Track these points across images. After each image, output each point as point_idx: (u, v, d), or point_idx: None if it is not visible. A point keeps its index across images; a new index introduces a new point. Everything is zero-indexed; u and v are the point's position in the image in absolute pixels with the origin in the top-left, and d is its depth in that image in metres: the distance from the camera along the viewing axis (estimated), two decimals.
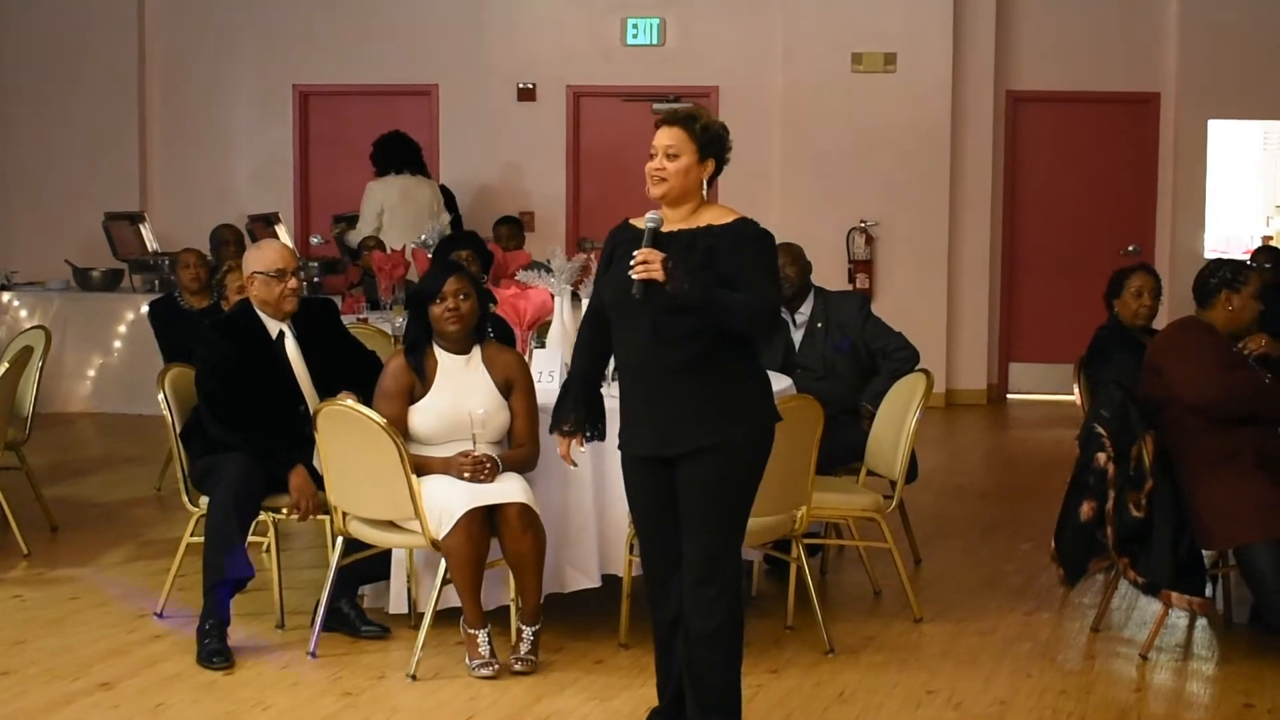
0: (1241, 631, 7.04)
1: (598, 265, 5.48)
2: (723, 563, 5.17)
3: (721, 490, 5.15)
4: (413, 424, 6.43)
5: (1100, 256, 13.51)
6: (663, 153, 5.19)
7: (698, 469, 5.12)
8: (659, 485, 5.24)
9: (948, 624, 7.10)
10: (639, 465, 5.29)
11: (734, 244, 5.14)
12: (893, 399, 7.42)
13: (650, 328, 5.09)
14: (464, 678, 6.20)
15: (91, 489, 9.95)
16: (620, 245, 5.27)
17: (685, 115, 5.23)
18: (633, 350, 5.21)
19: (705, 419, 5.11)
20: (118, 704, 5.95)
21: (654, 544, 5.33)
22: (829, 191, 13.80)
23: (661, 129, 5.22)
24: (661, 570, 5.31)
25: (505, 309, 7.40)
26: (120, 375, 12.79)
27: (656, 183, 5.19)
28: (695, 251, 5.11)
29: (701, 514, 5.15)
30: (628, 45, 14.51)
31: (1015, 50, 14.12)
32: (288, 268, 6.85)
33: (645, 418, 5.21)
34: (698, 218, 5.22)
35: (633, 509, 5.45)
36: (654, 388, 5.17)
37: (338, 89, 15.00)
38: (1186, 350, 6.61)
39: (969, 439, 12.85)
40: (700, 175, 5.22)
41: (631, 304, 5.06)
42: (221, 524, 6.49)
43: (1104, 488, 6.57)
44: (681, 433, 5.13)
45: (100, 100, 14.92)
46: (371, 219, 12.78)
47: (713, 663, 5.19)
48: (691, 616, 5.17)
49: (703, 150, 5.20)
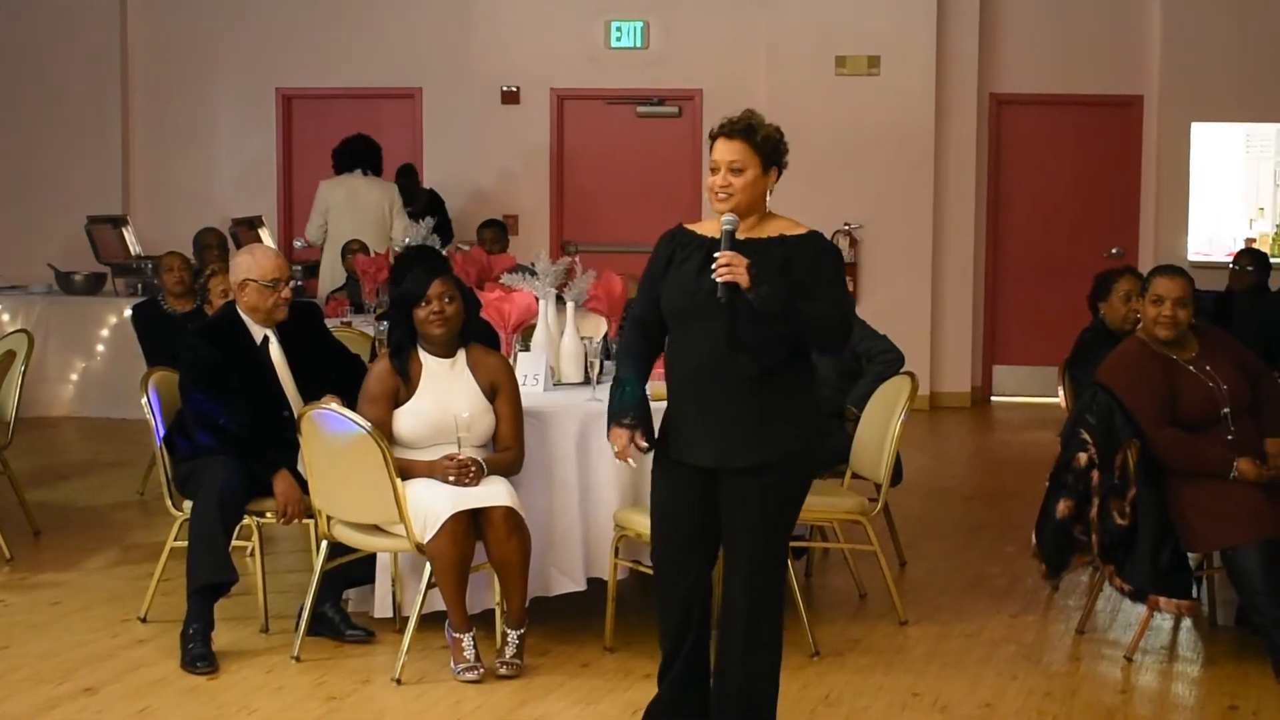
0: (1226, 633, 7.05)
1: (647, 268, 5.26)
2: (776, 575, 5.14)
3: (776, 507, 5.09)
4: (397, 427, 6.42)
5: (1084, 259, 13.53)
6: (726, 168, 5.03)
7: (752, 485, 5.02)
8: (699, 496, 5.11)
9: (933, 626, 7.10)
10: (683, 473, 5.13)
11: (811, 256, 5.05)
12: (877, 402, 7.42)
13: (723, 334, 4.96)
14: (449, 682, 6.19)
15: (75, 493, 9.92)
16: (682, 248, 5.14)
17: (745, 126, 5.07)
18: (700, 358, 5.05)
19: (766, 436, 5.00)
20: (101, 709, 5.93)
21: (678, 552, 5.19)
22: (813, 194, 13.73)
23: (721, 142, 5.06)
24: (684, 579, 5.18)
25: (490, 312, 7.39)
26: (103, 379, 12.75)
27: (723, 199, 5.02)
28: (771, 261, 4.97)
29: (759, 528, 5.06)
30: (612, 48, 14.52)
31: (999, 53, 14.14)
32: (282, 277, 6.84)
33: (704, 427, 5.05)
34: (765, 227, 5.09)
35: (662, 517, 5.24)
36: (719, 398, 5.02)
37: (321, 92, 14.99)
38: (1126, 391, 6.60)
39: (953, 442, 12.85)
40: (765, 186, 5.09)
41: (703, 309, 4.95)
42: (205, 528, 6.47)
43: (1082, 487, 6.58)
44: (743, 446, 5.01)
45: (83, 103, 14.91)
46: (317, 218, 12.79)
47: (761, 674, 5.17)
48: (740, 627, 5.11)
49: (766, 161, 5.06)
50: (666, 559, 5.25)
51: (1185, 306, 6.65)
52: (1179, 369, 6.63)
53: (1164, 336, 6.65)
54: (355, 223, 12.51)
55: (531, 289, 7.34)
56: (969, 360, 14.26)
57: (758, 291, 4.85)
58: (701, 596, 5.23)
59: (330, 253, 12.65)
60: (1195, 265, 13.18)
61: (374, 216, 12.63)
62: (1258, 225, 14.30)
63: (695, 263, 5.04)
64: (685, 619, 5.22)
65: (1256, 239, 13.88)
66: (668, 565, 5.25)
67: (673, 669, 5.27)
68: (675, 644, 5.25)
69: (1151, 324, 6.67)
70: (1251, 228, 14.28)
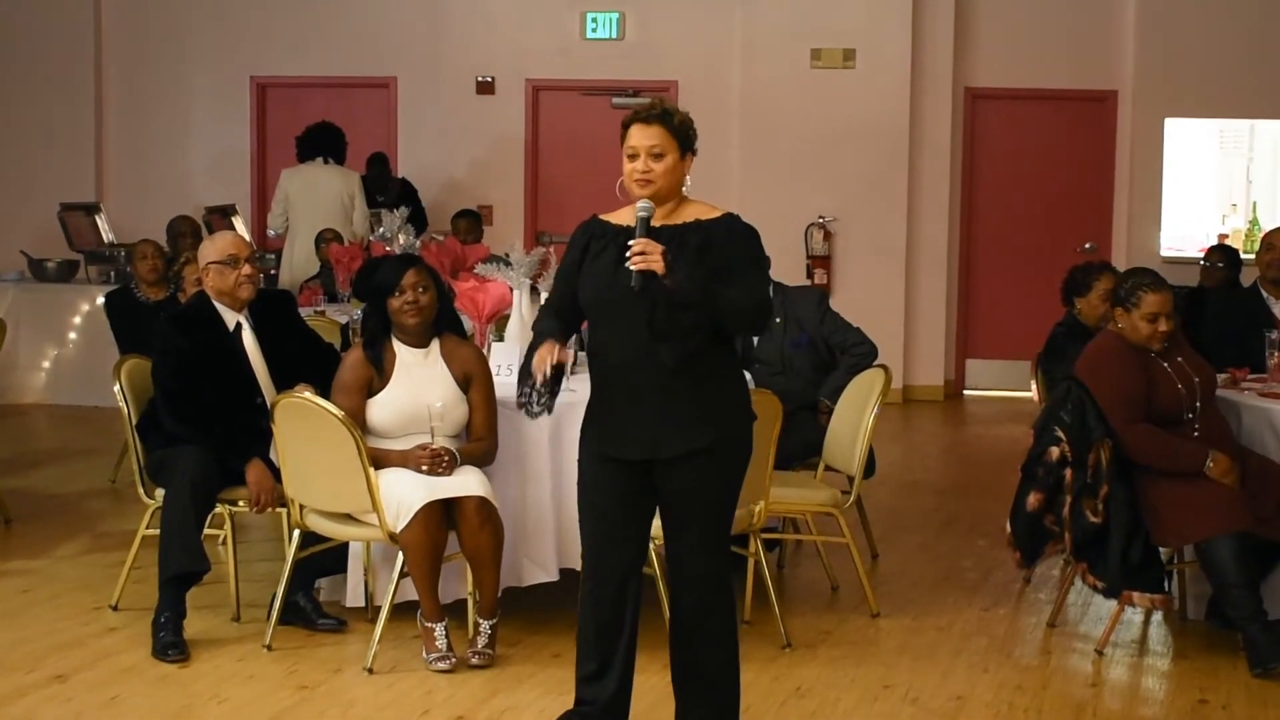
0: (1197, 627, 7.07)
1: (563, 260, 5.23)
2: (720, 562, 5.11)
3: (716, 492, 5.04)
4: (370, 417, 6.41)
5: (1057, 254, 13.57)
6: (646, 153, 4.98)
7: (690, 472, 4.97)
8: (630, 488, 5.05)
9: (905, 619, 7.11)
10: (610, 467, 5.06)
11: (726, 239, 5.01)
12: (851, 394, 7.43)
13: (644, 324, 4.89)
14: (421, 671, 6.19)
15: (46, 481, 9.88)
16: (598, 239, 5.09)
17: (661, 112, 5.03)
18: (619, 349, 4.98)
19: (697, 421, 4.95)
20: (71, 697, 5.91)
21: (612, 547, 5.09)
22: (787, 187, 13.81)
23: (636, 128, 5.01)
24: (617, 574, 5.09)
25: (464, 302, 7.38)
26: (75, 367, 12.72)
27: (643, 185, 4.97)
28: (687, 248, 4.94)
29: (698, 517, 5.02)
30: (587, 39, 14.52)
31: (974, 47, 14.17)
32: (240, 254, 6.82)
33: (630, 420, 4.99)
34: (681, 213, 5.05)
35: (592, 511, 5.13)
36: (642, 389, 4.96)
37: (295, 81, 14.95)
38: (1101, 386, 6.62)
39: (926, 435, 12.88)
40: (683, 171, 5.05)
41: (619, 300, 4.89)
42: (177, 516, 6.46)
43: (1052, 481, 6.59)
44: (674, 436, 4.95)
45: (56, 91, 14.85)
46: (277, 207, 12.79)
47: (721, 660, 5.13)
48: (694, 617, 5.07)
49: (683, 145, 5.03)
50: (598, 554, 5.13)
51: (1173, 316, 6.70)
52: (1154, 364, 6.66)
53: (1158, 349, 6.68)
54: (315, 212, 12.48)
55: (506, 279, 7.34)
56: (942, 354, 14.29)
57: (673, 278, 4.79)
58: (635, 593, 5.15)
59: (291, 241, 12.63)
60: (1167, 261, 13.28)
61: (334, 206, 12.57)
62: (1230, 221, 14.36)
63: (612, 254, 4.97)
64: (617, 617, 5.11)
65: (1229, 235, 13.93)
66: (600, 561, 5.12)
67: (605, 676, 5.13)
68: (607, 646, 5.12)
69: (1146, 339, 6.66)
70: (1224, 224, 14.34)
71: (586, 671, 5.17)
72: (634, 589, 5.15)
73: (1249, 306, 8.67)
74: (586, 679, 5.17)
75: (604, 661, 5.14)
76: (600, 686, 5.15)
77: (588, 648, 5.16)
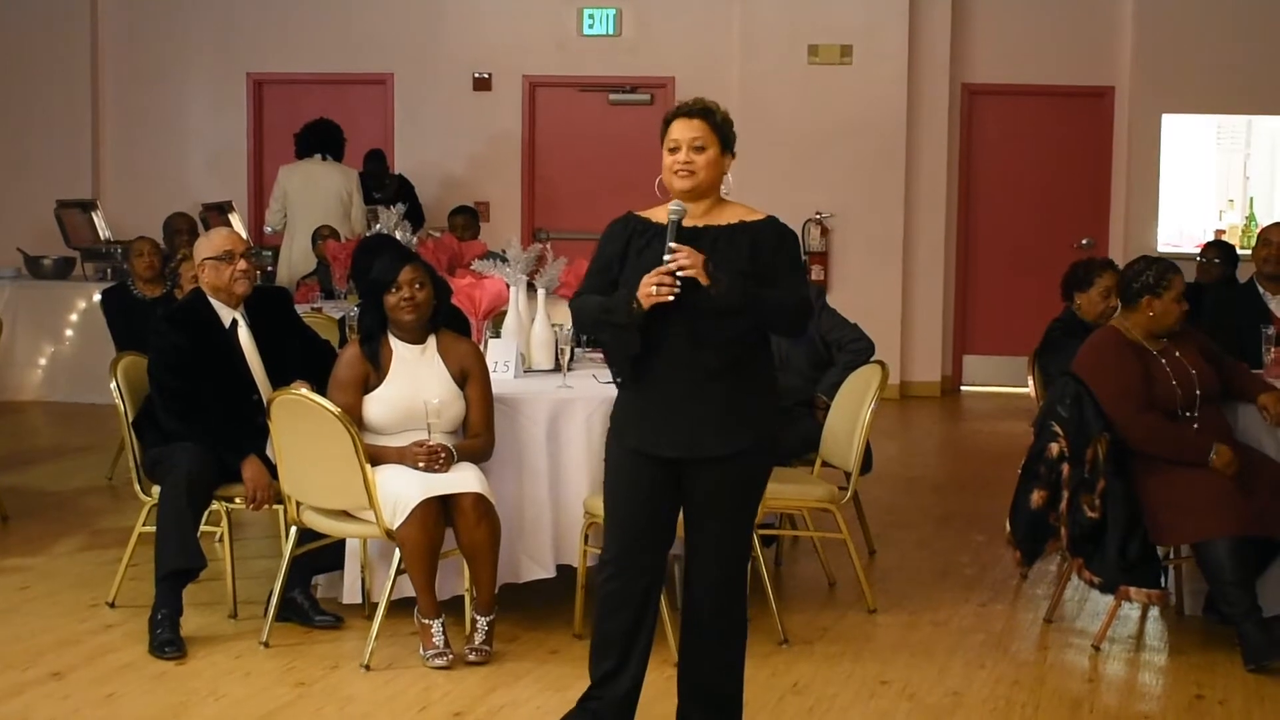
0: (1194, 622, 7.07)
1: (598, 252, 5.17)
2: (744, 564, 5.12)
3: (743, 495, 5.06)
4: (367, 413, 6.41)
5: (1054, 250, 13.60)
6: (688, 145, 4.97)
7: (720, 474, 4.97)
8: (660, 486, 5.03)
9: (902, 615, 7.11)
10: (644, 463, 5.03)
11: (776, 241, 5.01)
12: (847, 390, 7.42)
13: (685, 331, 4.90)
14: (418, 668, 6.19)
15: (43, 478, 9.88)
16: (639, 235, 5.06)
17: (704, 107, 5.03)
18: (662, 349, 4.94)
19: (734, 424, 4.95)
20: (69, 694, 5.91)
21: (641, 545, 5.07)
22: (784, 183, 13.78)
23: (679, 122, 5.01)
24: (646, 573, 5.07)
25: (461, 299, 7.38)
26: (72, 364, 12.73)
27: (684, 177, 4.96)
28: (737, 248, 4.94)
29: (723, 520, 5.02)
30: (584, 35, 14.51)
31: (971, 43, 14.16)
32: (235, 249, 6.81)
33: (668, 418, 4.97)
34: (723, 214, 5.04)
35: (620, 506, 5.11)
36: (682, 388, 4.95)
37: (292, 78, 14.94)
38: (1104, 379, 6.62)
39: (923, 431, 12.88)
40: (723, 168, 5.04)
41: (662, 304, 4.84)
42: (174, 513, 6.46)
43: (1054, 478, 6.60)
44: (711, 437, 4.94)
45: (53, 87, 14.84)
46: (275, 204, 12.75)
47: (729, 661, 5.14)
48: (709, 619, 5.08)
49: (724, 142, 5.03)
50: (625, 551, 5.10)
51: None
52: (1152, 358, 6.66)
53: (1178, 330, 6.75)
54: (313, 209, 12.44)
55: (502, 276, 7.34)
56: (939, 350, 14.29)
57: (717, 287, 4.81)
58: (657, 593, 5.15)
59: (289, 238, 12.61)
60: (1165, 256, 13.23)
61: (332, 202, 12.54)
62: (1228, 217, 14.36)
63: (655, 251, 4.93)
64: (639, 617, 5.09)
65: (1226, 231, 13.93)
66: (626, 558, 5.10)
67: (622, 674, 5.12)
68: (628, 644, 5.11)
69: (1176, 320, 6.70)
70: (1221, 219, 14.35)
71: (604, 669, 5.16)
72: (657, 589, 5.16)
73: (1245, 302, 8.68)
74: (603, 676, 5.16)
75: (622, 659, 5.13)
76: (616, 684, 5.15)
77: (607, 645, 5.15)
